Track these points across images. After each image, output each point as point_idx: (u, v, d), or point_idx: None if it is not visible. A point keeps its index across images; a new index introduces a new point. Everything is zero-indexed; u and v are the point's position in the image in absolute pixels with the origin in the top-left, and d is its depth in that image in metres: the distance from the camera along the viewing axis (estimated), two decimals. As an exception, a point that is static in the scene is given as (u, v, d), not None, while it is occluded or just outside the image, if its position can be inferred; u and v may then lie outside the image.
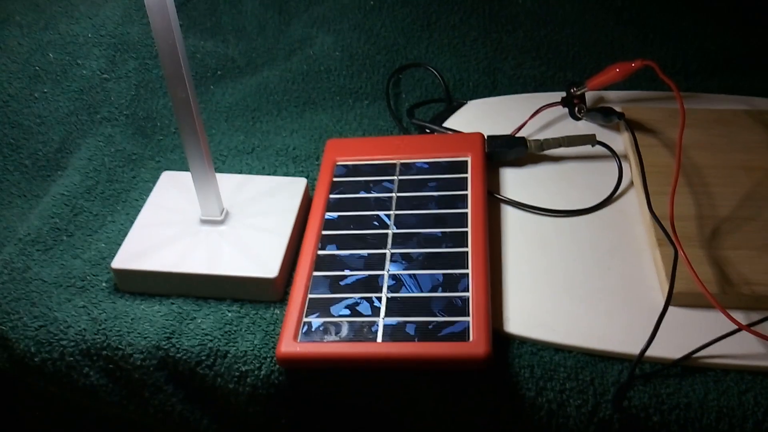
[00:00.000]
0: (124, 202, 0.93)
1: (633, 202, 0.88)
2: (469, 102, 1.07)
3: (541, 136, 0.96)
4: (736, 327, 0.71)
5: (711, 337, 0.71)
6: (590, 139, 0.94)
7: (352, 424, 0.78)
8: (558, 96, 1.02)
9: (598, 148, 0.95)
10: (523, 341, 0.75)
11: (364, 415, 0.77)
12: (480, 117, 1.04)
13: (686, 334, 0.73)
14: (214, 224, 0.84)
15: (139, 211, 0.87)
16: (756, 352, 0.72)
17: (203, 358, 0.76)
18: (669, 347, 0.72)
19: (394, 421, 0.77)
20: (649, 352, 0.72)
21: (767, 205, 0.84)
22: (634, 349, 0.72)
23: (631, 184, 0.90)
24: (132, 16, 1.16)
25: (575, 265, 0.81)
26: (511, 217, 0.88)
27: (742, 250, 0.79)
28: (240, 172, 0.94)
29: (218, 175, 0.87)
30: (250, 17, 1.23)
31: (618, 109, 0.98)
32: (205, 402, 0.79)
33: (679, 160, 0.87)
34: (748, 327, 0.71)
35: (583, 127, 1.00)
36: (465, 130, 0.98)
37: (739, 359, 0.72)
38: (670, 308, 0.75)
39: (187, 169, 0.85)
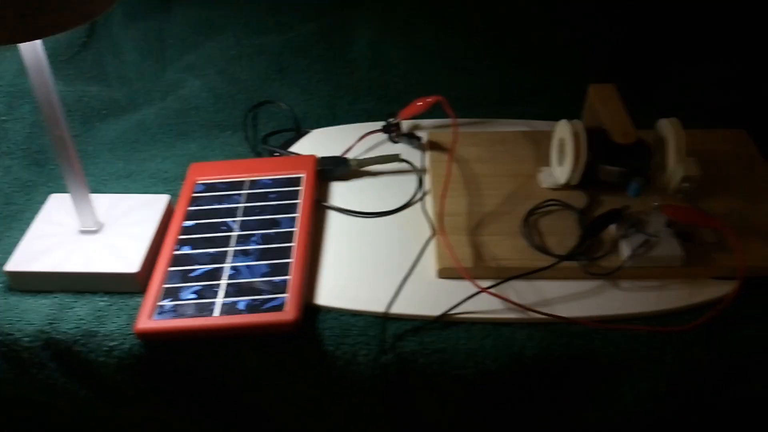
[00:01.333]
0: (20, 220, 1.06)
1: (427, 203, 1.07)
2: (312, 131, 1.24)
3: (363, 157, 1.14)
4: (478, 290, 0.91)
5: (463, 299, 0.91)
6: (395, 158, 1.12)
7: (201, 387, 0.93)
8: (381, 125, 1.21)
9: (404, 164, 1.15)
10: (329, 310, 0.93)
11: (209, 378, 0.92)
12: (321, 142, 1.21)
13: (448, 298, 0.92)
14: (90, 234, 0.99)
15: (31, 226, 1.00)
16: (493, 308, 0.91)
17: (79, 338, 0.90)
18: (434, 308, 0.91)
19: (236, 381, 0.93)
20: (417, 312, 0.91)
21: (522, 202, 1.04)
22: (408, 311, 0.91)
23: (426, 191, 1.09)
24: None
25: (378, 253, 1.00)
26: (335, 219, 1.06)
27: (496, 236, 0.98)
28: (119, 193, 1.09)
29: (96, 195, 1.03)
30: (131, 66, 1.37)
31: (423, 133, 1.17)
32: (82, 374, 0.92)
33: (449, 171, 1.07)
34: (486, 289, 0.91)
35: (399, 148, 1.19)
36: (306, 153, 1.15)
37: (481, 314, 0.91)
38: (439, 280, 0.95)
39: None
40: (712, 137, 1.15)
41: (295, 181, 1.08)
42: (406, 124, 1.23)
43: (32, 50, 0.82)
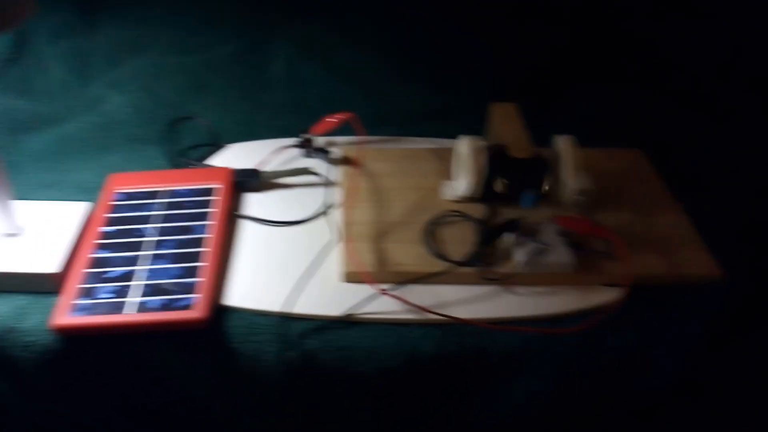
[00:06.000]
0: None
1: (336, 213, 1.10)
2: (229, 145, 1.26)
3: (276, 170, 1.17)
4: (377, 292, 0.94)
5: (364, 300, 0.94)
6: (306, 171, 1.15)
7: (115, 384, 0.95)
8: (297, 140, 1.23)
9: (316, 177, 1.17)
10: (237, 310, 0.95)
11: (123, 376, 0.94)
12: (238, 156, 1.23)
13: (351, 300, 0.95)
14: (13, 236, 1.00)
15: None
16: (392, 309, 0.94)
17: None
18: (338, 309, 0.94)
19: (151, 376, 0.94)
20: (321, 312, 0.93)
21: (424, 212, 1.08)
22: (314, 312, 0.94)
23: (333, 202, 1.12)
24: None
25: (286, 258, 1.02)
26: (247, 228, 1.09)
27: (398, 243, 1.02)
28: (40, 201, 1.09)
29: (20, 202, 1.04)
30: (56, 81, 1.38)
31: (337, 149, 1.21)
32: (2, 368, 0.94)
33: (356, 183, 1.11)
34: (385, 291, 0.94)
35: (313, 162, 1.22)
36: (222, 166, 1.17)
37: (382, 314, 0.94)
38: (343, 283, 0.98)
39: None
40: (609, 155, 1.20)
41: (210, 191, 1.11)
42: (321, 140, 1.26)
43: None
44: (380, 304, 0.95)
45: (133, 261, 0.98)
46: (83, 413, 0.99)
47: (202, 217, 1.06)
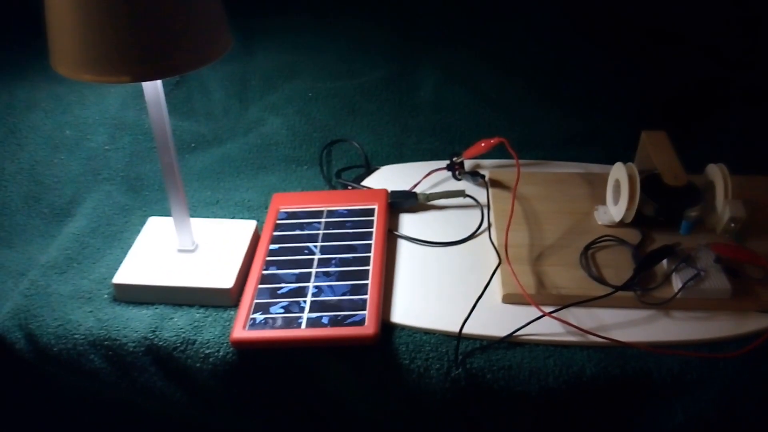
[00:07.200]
0: (120, 239, 1.12)
1: (491, 236, 1.11)
2: (381, 167, 1.29)
3: (430, 192, 1.19)
4: (541, 314, 0.95)
5: (527, 322, 0.94)
6: (461, 193, 1.17)
7: (285, 396, 0.97)
8: (445, 163, 1.25)
9: (468, 200, 1.18)
10: (403, 327, 0.97)
11: (294, 388, 0.96)
12: (389, 178, 1.26)
13: (512, 321, 0.96)
14: (187, 253, 1.04)
15: (131, 245, 1.07)
16: (555, 331, 0.95)
17: (178, 345, 0.95)
18: (500, 329, 0.95)
19: (319, 389, 0.96)
20: (485, 332, 0.94)
21: (579, 237, 1.08)
22: (475, 332, 0.95)
23: (490, 224, 1.13)
24: (129, 104, 1.37)
25: (445, 278, 1.04)
26: (405, 247, 1.11)
27: (556, 266, 1.02)
28: (207, 218, 1.14)
29: (191, 219, 1.08)
30: (217, 104, 1.44)
31: (484, 172, 1.21)
32: (178, 379, 0.97)
33: (513, 207, 1.12)
34: (550, 314, 0.95)
35: (462, 184, 1.23)
36: (376, 188, 1.20)
37: (544, 336, 0.94)
38: (502, 304, 0.99)
39: (166, 215, 1.07)
40: (758, 182, 1.18)
41: (369, 212, 1.13)
42: (467, 163, 1.27)
43: (153, 88, 0.89)
44: (542, 325, 0.95)
45: (301, 278, 1.01)
46: (251, 423, 1.01)
47: (363, 236, 1.08)
